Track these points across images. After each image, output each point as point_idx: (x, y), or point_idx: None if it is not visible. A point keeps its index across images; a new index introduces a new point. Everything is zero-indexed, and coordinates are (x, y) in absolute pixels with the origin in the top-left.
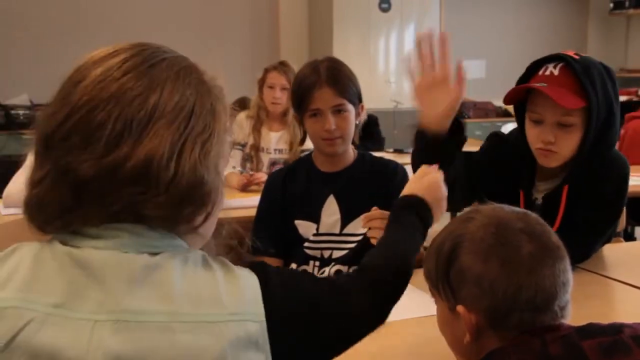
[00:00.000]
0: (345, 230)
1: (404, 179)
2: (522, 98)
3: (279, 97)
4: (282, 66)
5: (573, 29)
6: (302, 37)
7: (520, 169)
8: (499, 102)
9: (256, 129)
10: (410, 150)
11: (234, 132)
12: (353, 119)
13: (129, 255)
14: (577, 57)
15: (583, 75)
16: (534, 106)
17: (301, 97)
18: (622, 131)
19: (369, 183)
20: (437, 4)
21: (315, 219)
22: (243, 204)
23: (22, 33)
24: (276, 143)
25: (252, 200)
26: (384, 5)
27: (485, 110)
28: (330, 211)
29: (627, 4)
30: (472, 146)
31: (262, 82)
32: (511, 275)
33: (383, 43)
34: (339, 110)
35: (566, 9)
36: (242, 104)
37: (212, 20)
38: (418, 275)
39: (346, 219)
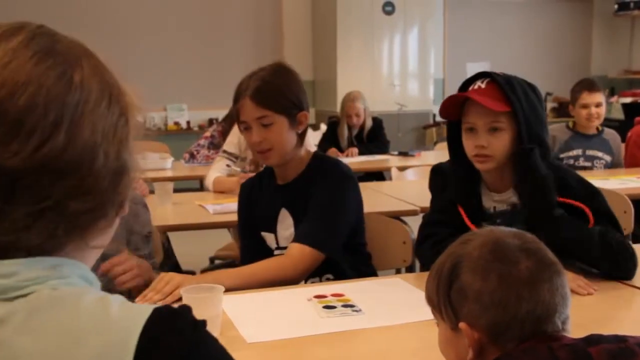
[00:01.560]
0: None
1: (335, 176)
2: (457, 116)
3: None
4: None
5: (577, 30)
6: (305, 40)
7: (465, 188)
8: None
9: None
10: (414, 152)
11: (232, 143)
12: (284, 130)
13: None
14: (501, 74)
15: (506, 85)
16: (466, 117)
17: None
18: (628, 134)
19: (314, 189)
20: (441, 7)
21: (274, 231)
22: None
23: None
24: None
25: None
26: (388, 8)
27: None
28: (285, 224)
29: (631, 5)
30: None
31: None
32: (510, 289)
33: (387, 46)
34: (263, 124)
35: (570, 11)
36: None
37: (216, 24)
38: (424, 279)
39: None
